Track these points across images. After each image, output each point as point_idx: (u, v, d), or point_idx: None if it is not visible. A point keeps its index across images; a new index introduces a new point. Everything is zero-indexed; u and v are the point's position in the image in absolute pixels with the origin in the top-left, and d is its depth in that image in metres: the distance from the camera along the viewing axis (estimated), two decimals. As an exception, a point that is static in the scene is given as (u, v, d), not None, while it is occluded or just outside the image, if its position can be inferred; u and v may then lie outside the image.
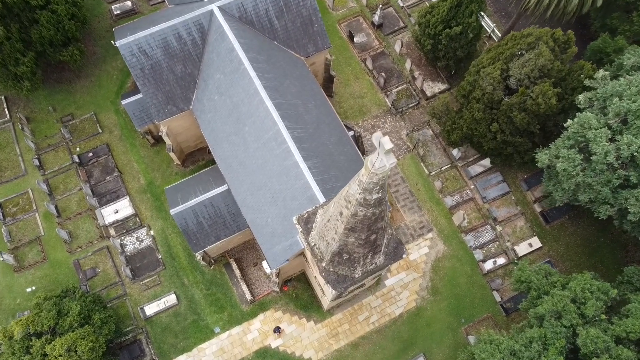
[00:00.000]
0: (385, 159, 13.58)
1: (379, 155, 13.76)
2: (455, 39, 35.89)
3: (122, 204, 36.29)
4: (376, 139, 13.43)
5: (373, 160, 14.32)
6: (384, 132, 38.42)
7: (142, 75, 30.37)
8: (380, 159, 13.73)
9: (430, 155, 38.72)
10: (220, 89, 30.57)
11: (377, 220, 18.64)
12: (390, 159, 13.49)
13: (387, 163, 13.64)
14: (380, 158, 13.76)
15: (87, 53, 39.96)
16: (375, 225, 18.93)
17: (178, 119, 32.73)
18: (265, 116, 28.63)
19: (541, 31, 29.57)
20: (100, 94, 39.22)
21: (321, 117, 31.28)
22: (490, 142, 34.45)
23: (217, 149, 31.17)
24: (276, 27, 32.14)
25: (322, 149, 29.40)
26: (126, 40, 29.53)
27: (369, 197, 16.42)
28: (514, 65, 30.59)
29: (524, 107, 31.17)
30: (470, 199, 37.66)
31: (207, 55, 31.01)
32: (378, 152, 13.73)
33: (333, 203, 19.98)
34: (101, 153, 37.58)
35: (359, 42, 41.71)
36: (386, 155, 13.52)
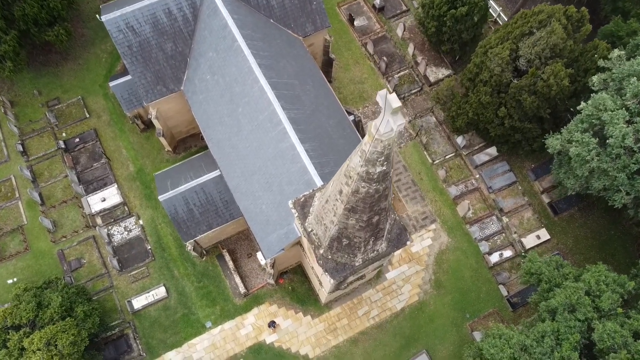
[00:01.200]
0: (392, 121, 11.82)
1: (384, 116, 12.02)
2: (461, 20, 34.14)
3: (109, 192, 34.50)
4: (381, 97, 11.69)
5: (377, 124, 12.58)
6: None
7: (129, 53, 28.59)
8: (387, 121, 11.98)
9: (433, 143, 37.00)
10: (212, 68, 28.81)
11: (381, 199, 16.91)
12: (398, 120, 11.75)
13: (394, 125, 11.88)
14: (386, 120, 12.01)
15: (76, 35, 38.19)
16: (379, 204, 17.20)
17: (168, 101, 30.95)
18: (260, 96, 26.89)
19: (553, 8, 27.87)
20: (88, 77, 37.43)
21: (320, 99, 29.53)
22: (497, 128, 32.73)
23: (209, 132, 29.40)
24: (272, 4, 30.39)
25: (321, 132, 27.66)
26: (112, 15, 27.75)
27: (372, 170, 14.68)
28: (524, 44, 28.88)
29: (534, 90, 29.48)
30: (476, 189, 35.95)
31: (199, 33, 29.25)
32: (384, 113, 11.98)
33: (332, 182, 18.25)
34: (88, 139, 35.79)
35: (360, 25, 39.98)
36: (393, 115, 11.76)
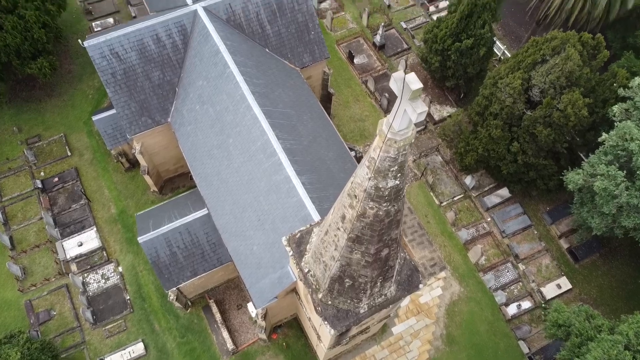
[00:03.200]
0: (411, 110, 9.15)
1: (399, 106, 9.41)
2: (466, 54, 32.50)
3: (87, 236, 31.43)
4: (397, 80, 9.14)
5: (390, 119, 9.98)
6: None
7: (113, 81, 26.47)
8: (403, 112, 9.35)
9: (440, 183, 34.40)
10: (202, 98, 26.63)
11: (392, 226, 14.05)
12: (419, 107, 9.09)
13: (414, 115, 9.18)
14: (401, 112, 9.39)
15: (62, 71, 36.43)
16: (389, 233, 14.32)
17: (154, 134, 28.57)
18: (252, 125, 24.52)
19: (567, 34, 26.13)
20: (72, 114, 35.28)
21: (318, 131, 27.19)
22: (509, 165, 30.24)
23: (197, 166, 26.81)
24: (268, 32, 28.69)
25: (319, 164, 25.10)
26: (96, 41, 25.84)
27: (383, 184, 11.94)
28: (536, 73, 26.93)
29: (550, 122, 27.26)
30: (488, 233, 32.99)
31: (189, 60, 27.29)
32: (399, 104, 9.40)
33: (332, 209, 15.44)
34: (68, 178, 33.12)
35: (360, 63, 38.42)
36: (412, 102, 9.14)
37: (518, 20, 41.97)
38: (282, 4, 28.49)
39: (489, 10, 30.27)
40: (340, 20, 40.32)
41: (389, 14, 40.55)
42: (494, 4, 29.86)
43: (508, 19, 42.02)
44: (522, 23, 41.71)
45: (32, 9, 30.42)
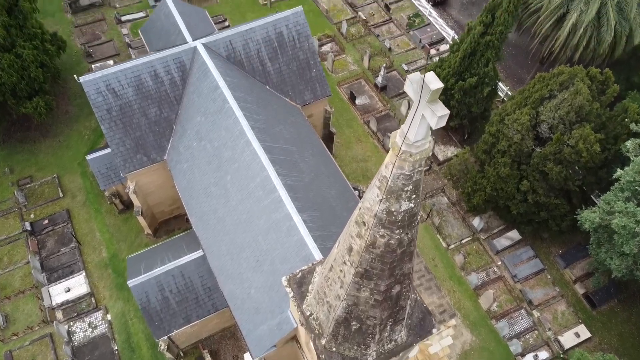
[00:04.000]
0: (430, 114, 8.00)
1: (417, 110, 8.28)
2: (470, 92, 31.93)
3: (75, 281, 29.71)
4: (413, 83, 8.06)
5: (405, 129, 8.85)
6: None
7: (108, 117, 25.65)
8: (420, 117, 8.20)
9: (447, 225, 32.99)
10: (199, 134, 25.72)
11: (404, 259, 12.63)
12: (440, 110, 7.94)
13: (432, 121, 8.00)
14: (418, 119, 8.26)
15: (59, 112, 35.81)
16: (401, 267, 12.86)
17: (149, 172, 27.48)
18: (251, 161, 23.45)
19: (575, 69, 25.56)
20: (67, 155, 34.34)
21: (320, 168, 26.11)
22: (519, 205, 28.97)
23: (193, 205, 25.54)
24: (269, 69, 28.17)
25: (321, 202, 23.84)
26: (92, 76, 25.22)
27: (396, 207, 10.65)
28: (545, 108, 26.15)
29: (560, 159, 26.22)
30: (499, 278, 31.27)
31: (187, 97, 26.59)
32: (416, 106, 8.28)
33: (337, 242, 14.05)
34: (59, 220, 31.74)
35: (361, 104, 37.90)
36: (432, 105, 8.00)
37: (519, 62, 41.89)
38: (283, 41, 28.15)
39: (493, 48, 29.92)
40: (341, 62, 40.20)
41: (390, 56, 40.48)
42: (497, 42, 29.53)
43: (509, 61, 41.95)
44: (524, 65, 41.60)
45: (30, 48, 30.07)
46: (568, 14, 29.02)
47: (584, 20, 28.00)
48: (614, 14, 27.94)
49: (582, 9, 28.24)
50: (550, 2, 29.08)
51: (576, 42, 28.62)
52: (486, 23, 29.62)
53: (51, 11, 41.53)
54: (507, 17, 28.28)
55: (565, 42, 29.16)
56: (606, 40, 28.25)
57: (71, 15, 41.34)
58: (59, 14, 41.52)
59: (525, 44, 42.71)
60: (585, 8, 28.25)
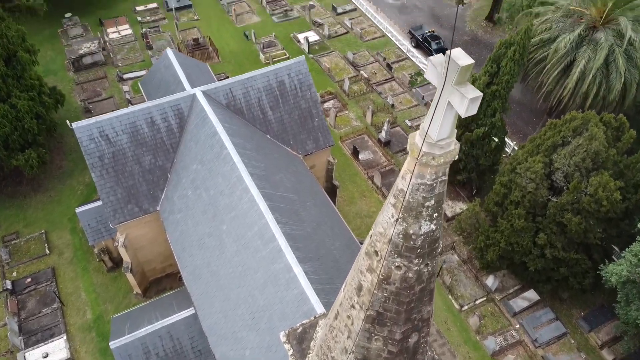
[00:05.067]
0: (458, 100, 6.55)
1: (440, 97, 6.84)
2: (477, 144, 30.90)
3: (55, 346, 27.14)
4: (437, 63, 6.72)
5: (425, 126, 7.41)
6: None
7: (99, 165, 24.38)
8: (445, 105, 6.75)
9: (459, 285, 30.74)
10: (195, 182, 24.33)
11: (424, 298, 10.72)
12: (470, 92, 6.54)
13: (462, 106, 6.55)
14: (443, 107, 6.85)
15: (53, 167, 34.70)
16: (420, 308, 10.92)
17: (141, 225, 25.82)
18: (249, 208, 21.87)
19: (588, 114, 24.55)
20: (57, 210, 32.80)
21: (322, 218, 24.47)
22: (537, 260, 26.96)
23: (185, 258, 23.64)
24: (270, 118, 27.28)
25: (324, 253, 21.98)
26: (86, 122, 24.25)
27: (415, 228, 8.96)
28: (559, 155, 24.88)
29: (579, 208, 24.60)
30: (518, 342, 28.60)
31: (184, 145, 25.47)
32: (440, 93, 6.86)
33: (344, 284, 12.18)
34: (43, 279, 29.64)
35: (365, 159, 36.83)
36: (460, 87, 6.58)
37: (525, 119, 41.33)
38: (285, 90, 27.48)
39: (499, 98, 29.21)
40: (344, 118, 39.62)
41: (393, 112, 39.97)
42: (503, 92, 28.86)
43: (514, 118, 41.34)
44: (530, 122, 40.99)
45: (26, 98, 29.46)
46: (575, 61, 28.57)
47: (592, 67, 27.47)
48: (622, 61, 27.46)
49: (589, 56, 27.82)
50: (556, 51, 28.74)
51: (585, 89, 27.92)
52: (491, 73, 29.12)
53: (54, 70, 41.64)
54: (512, 65, 27.77)
55: (574, 90, 28.48)
56: (616, 87, 27.56)
57: (73, 73, 41.38)
58: (61, 72, 41.60)
59: (530, 100, 42.45)
60: (593, 55, 27.82)
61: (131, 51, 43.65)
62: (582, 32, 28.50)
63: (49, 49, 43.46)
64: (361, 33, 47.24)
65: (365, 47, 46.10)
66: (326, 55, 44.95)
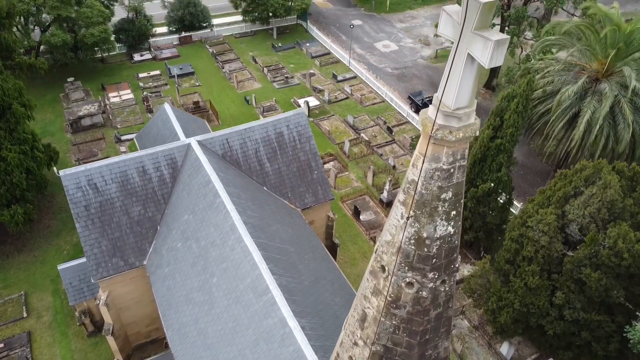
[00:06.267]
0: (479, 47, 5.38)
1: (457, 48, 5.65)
2: (484, 201, 29.63)
3: (22, 420, 24.27)
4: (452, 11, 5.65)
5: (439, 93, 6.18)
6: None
7: (85, 214, 22.96)
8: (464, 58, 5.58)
9: (471, 354, 28.14)
10: (186, 233, 22.79)
11: (440, 328, 8.95)
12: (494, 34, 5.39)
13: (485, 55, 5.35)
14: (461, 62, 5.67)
15: (40, 226, 33.24)
16: (436, 342, 9.09)
17: (125, 281, 23.93)
18: (242, 259, 20.18)
19: (599, 162, 23.45)
20: (40, 270, 30.90)
21: (322, 272, 22.65)
22: (555, 323, 24.69)
23: (170, 316, 21.54)
24: (267, 170, 26.23)
25: (323, 308, 19.98)
26: (74, 170, 23.16)
27: (429, 230, 7.47)
28: (572, 207, 23.49)
29: (597, 263, 22.81)
30: (540, 418, 25.62)
31: (176, 195, 24.21)
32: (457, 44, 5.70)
33: (346, 320, 10.40)
34: (16, 345, 27.18)
35: (366, 219, 35.38)
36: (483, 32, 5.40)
37: (530, 180, 40.38)
38: (283, 141, 26.68)
39: (504, 152, 28.34)
40: (344, 179, 38.66)
41: (394, 173, 39.07)
42: (508, 145, 28.05)
43: (519, 180, 40.41)
44: (535, 184, 39.99)
45: (16, 152, 28.60)
46: (580, 112, 27.98)
47: (599, 116, 26.81)
48: (629, 111, 26.82)
49: (595, 106, 27.26)
50: (560, 102, 28.24)
51: (593, 139, 27.08)
52: (495, 126, 28.48)
53: (52, 131, 41.38)
54: (516, 118, 27.15)
55: (581, 142, 27.64)
56: (625, 138, 26.76)
57: (71, 134, 41.07)
58: (59, 133, 41.29)
59: (533, 162, 41.77)
60: (598, 105, 27.26)
61: (131, 114, 43.63)
62: (585, 83, 28.19)
63: (49, 112, 43.52)
64: (361, 98, 47.59)
65: (365, 112, 46.20)
66: (326, 119, 44.93)
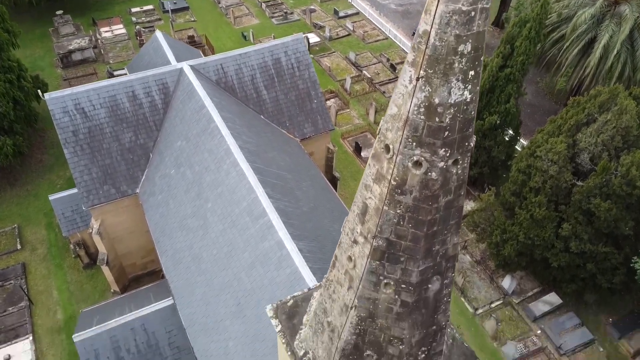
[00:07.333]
0: None
1: None
2: (490, 135, 28.50)
3: (19, 348, 24.13)
4: None
5: None
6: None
7: (73, 140, 21.97)
8: None
9: (472, 287, 27.78)
10: (179, 160, 21.85)
11: (449, 220, 8.07)
12: None
13: None
14: None
15: (32, 161, 32.36)
16: (444, 236, 8.24)
17: (118, 210, 23.22)
18: (237, 183, 19.31)
19: (615, 87, 22.19)
20: (33, 204, 30.23)
21: (321, 200, 21.85)
22: (560, 255, 24.10)
23: (164, 243, 20.92)
24: (264, 98, 25.01)
25: (321, 234, 19.28)
26: (60, 94, 21.97)
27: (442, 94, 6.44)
28: (584, 134, 22.40)
29: (608, 193, 21.95)
30: (540, 350, 25.46)
31: (169, 122, 23.11)
32: None
33: (344, 222, 9.52)
34: (11, 275, 26.82)
35: (367, 156, 34.31)
36: None
37: (537, 120, 39.05)
38: (281, 68, 25.31)
39: (513, 82, 26.96)
40: (345, 116, 37.41)
41: (397, 111, 37.70)
42: (518, 74, 26.65)
43: (526, 119, 39.05)
44: (542, 123, 38.64)
45: (2, 80, 27.29)
46: (597, 37, 26.42)
47: (617, 41, 25.31)
48: (649, 35, 25.38)
49: (613, 30, 25.70)
50: (575, 27, 26.64)
51: (609, 66, 25.67)
52: (505, 54, 26.98)
53: (41, 66, 39.81)
54: (528, 44, 25.62)
55: (596, 69, 26.22)
56: (642, 63, 25.43)
57: (62, 69, 39.52)
58: (49, 68, 39.75)
59: (542, 102, 40.35)
60: (617, 29, 25.70)
61: (124, 49, 41.91)
62: (603, 6, 26.47)
63: (38, 47, 41.83)
64: (364, 35, 45.59)
65: (367, 49, 44.35)
66: (327, 56, 43.17)
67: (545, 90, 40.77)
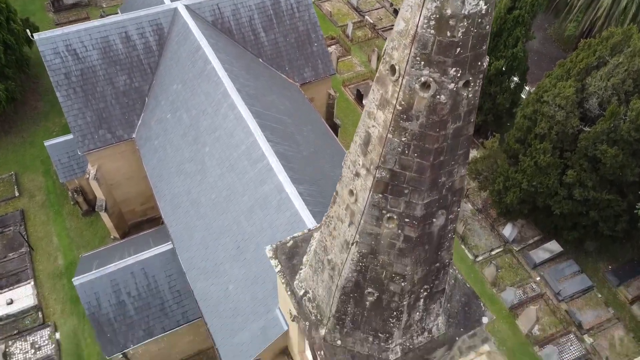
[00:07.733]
0: None
1: None
2: (495, 80, 27.71)
3: (21, 292, 24.31)
4: None
5: None
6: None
7: (65, 83, 21.28)
8: None
9: (473, 235, 27.74)
10: (175, 104, 21.24)
11: (458, 150, 7.66)
12: None
13: None
14: None
15: (27, 108, 31.69)
16: (451, 169, 7.85)
17: (114, 156, 22.80)
18: (235, 126, 18.79)
19: (629, 28, 21.29)
20: (29, 152, 29.82)
21: (321, 146, 21.39)
22: (563, 203, 23.85)
23: (162, 188, 20.62)
24: (262, 40, 24.09)
25: (322, 178, 18.94)
26: (50, 34, 21.10)
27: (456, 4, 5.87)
28: (593, 78, 21.66)
29: (616, 138, 21.45)
30: (539, 296, 25.67)
31: (164, 64, 22.34)
32: None
33: (345, 157, 9.09)
34: (10, 222, 26.74)
35: (369, 104, 33.60)
36: None
37: (544, 68, 37.82)
38: (280, 9, 24.25)
39: (522, 24, 25.93)
40: (347, 63, 36.39)
41: (400, 57, 36.62)
42: (527, 16, 25.60)
43: (533, 67, 37.96)
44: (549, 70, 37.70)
45: (-9, 21, 26.31)
46: (611, -24, 25.33)
47: (633, -21, 24.25)
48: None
49: (629, -33, 24.61)
50: (589, -36, 25.48)
51: (623, 7, 24.62)
52: (514, -5, 25.80)
53: (32, 10, 38.38)
54: (539, -16, 24.46)
55: (609, 11, 25.16)
56: (659, 5, 24.37)
57: (53, 14, 38.17)
58: (40, 12, 38.37)
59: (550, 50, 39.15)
60: (634, -34, 24.61)
61: (117, -7, 40.28)
62: (619, -58, 25.24)
63: (28, -10, 40.18)
64: (366, -21, 43.76)
65: (370, -7, 42.67)
66: (327, 1, 41.61)
67: (553, 37, 39.46)
